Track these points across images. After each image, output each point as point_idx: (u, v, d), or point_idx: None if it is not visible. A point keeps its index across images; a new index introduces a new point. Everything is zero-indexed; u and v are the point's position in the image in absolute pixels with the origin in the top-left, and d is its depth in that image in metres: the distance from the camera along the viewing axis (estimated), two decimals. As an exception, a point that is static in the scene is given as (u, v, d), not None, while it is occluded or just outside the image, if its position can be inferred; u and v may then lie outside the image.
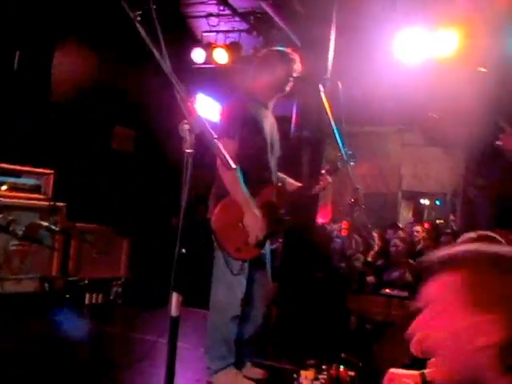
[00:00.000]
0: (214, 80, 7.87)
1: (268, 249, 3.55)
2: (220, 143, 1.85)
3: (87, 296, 5.29)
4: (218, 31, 7.56)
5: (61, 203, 5.19)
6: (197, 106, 1.80)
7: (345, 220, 7.45)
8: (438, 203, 13.35)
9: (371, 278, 6.25)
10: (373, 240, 7.53)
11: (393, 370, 1.26)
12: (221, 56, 7.38)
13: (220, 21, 7.42)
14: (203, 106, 7.72)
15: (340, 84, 3.33)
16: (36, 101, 5.70)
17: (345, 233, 7.23)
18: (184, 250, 1.74)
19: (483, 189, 5.95)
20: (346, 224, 7.35)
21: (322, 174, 3.56)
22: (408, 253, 6.58)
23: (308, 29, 6.14)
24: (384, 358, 3.74)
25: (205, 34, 7.68)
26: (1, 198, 4.77)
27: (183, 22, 7.47)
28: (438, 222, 11.65)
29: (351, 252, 6.64)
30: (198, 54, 7.50)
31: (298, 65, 3.46)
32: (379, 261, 6.79)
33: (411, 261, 6.34)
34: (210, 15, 7.37)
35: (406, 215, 13.01)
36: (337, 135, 3.27)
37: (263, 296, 3.60)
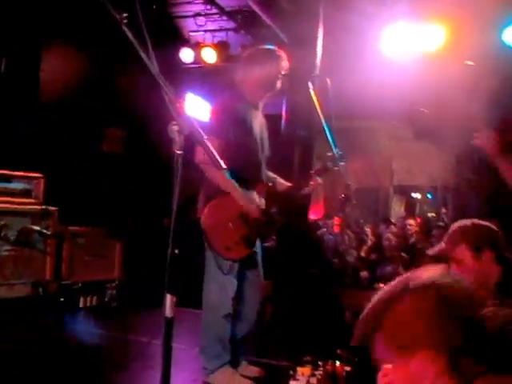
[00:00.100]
0: (202, 79, 7.85)
1: (260, 247, 3.56)
2: (209, 143, 1.85)
3: (81, 299, 5.28)
4: (205, 30, 7.55)
5: (52, 207, 5.16)
6: (185, 107, 1.80)
7: (337, 216, 7.47)
8: (429, 197, 13.40)
9: (365, 273, 6.28)
10: (365, 235, 7.56)
11: (387, 365, 1.27)
12: (209, 55, 7.37)
13: (207, 20, 7.41)
14: (192, 106, 7.70)
15: (329, 81, 3.33)
16: (25, 104, 5.67)
17: (337, 229, 7.25)
18: (177, 251, 1.74)
19: (474, 182, 5.99)
20: (337, 220, 7.37)
21: (311, 175, 3.55)
22: (401, 247, 6.62)
23: (296, 26, 6.13)
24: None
25: (192, 33, 7.67)
26: (-8, 204, 4.75)
27: (170, 22, 7.45)
28: (429, 215, 11.69)
29: (344, 248, 6.67)
30: (186, 54, 7.50)
31: (286, 62, 3.46)
32: (372, 255, 6.82)
33: (404, 255, 6.38)
34: (197, 15, 7.35)
35: (398, 210, 13.06)
36: (327, 133, 3.27)
37: (256, 294, 3.61)
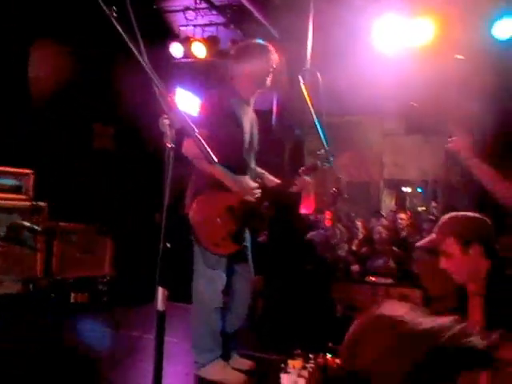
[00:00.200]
0: (192, 74, 7.83)
1: (249, 241, 3.56)
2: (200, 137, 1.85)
3: (72, 295, 5.27)
4: (195, 25, 7.51)
5: (42, 203, 5.14)
6: (176, 101, 1.80)
7: (328, 210, 7.48)
8: (419, 191, 13.44)
9: (356, 267, 6.30)
10: (356, 229, 7.58)
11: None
12: (199, 50, 7.34)
13: (197, 15, 7.37)
14: (182, 101, 7.67)
15: (319, 75, 3.33)
16: (14, 101, 5.63)
17: (328, 223, 7.26)
18: (169, 245, 1.74)
19: (462, 178, 6.02)
20: (329, 214, 7.38)
21: (299, 173, 3.52)
22: (392, 240, 6.64)
23: (286, 20, 6.13)
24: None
25: (182, 28, 7.63)
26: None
27: (160, 16, 7.41)
28: (419, 209, 11.72)
29: (335, 242, 6.69)
30: (176, 49, 7.46)
31: (276, 56, 3.45)
32: (363, 249, 6.83)
33: (395, 248, 6.41)
34: (187, 9, 7.32)
35: (389, 203, 13.08)
36: (318, 128, 3.26)
37: (246, 288, 3.60)
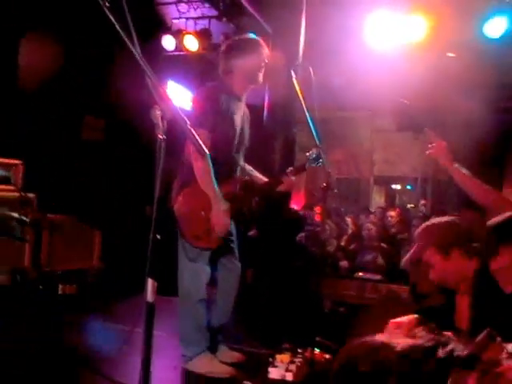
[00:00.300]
0: (184, 67, 7.80)
1: (235, 234, 3.55)
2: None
3: (60, 287, 5.24)
4: (187, 18, 7.48)
5: (31, 194, 5.10)
6: (168, 92, 1.79)
7: (318, 205, 7.49)
8: (408, 188, 13.50)
9: (344, 263, 6.33)
10: (346, 225, 7.61)
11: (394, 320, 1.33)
12: (191, 43, 7.31)
13: (190, 7, 7.34)
14: (174, 94, 7.64)
15: (311, 69, 3.32)
16: (3, 91, 5.58)
17: (318, 218, 7.27)
18: (159, 237, 1.74)
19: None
20: (318, 209, 7.39)
21: (287, 174, 3.49)
22: (380, 237, 6.67)
23: (279, 15, 6.12)
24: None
25: (174, 20, 7.59)
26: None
27: (152, 8, 7.37)
28: (409, 206, 11.78)
29: (325, 237, 6.70)
30: (168, 41, 7.42)
31: (267, 51, 3.44)
32: (352, 245, 6.86)
33: (384, 245, 6.44)
34: (179, 1, 7.29)
35: (379, 200, 13.15)
36: (310, 124, 3.25)
37: (233, 282, 3.59)
